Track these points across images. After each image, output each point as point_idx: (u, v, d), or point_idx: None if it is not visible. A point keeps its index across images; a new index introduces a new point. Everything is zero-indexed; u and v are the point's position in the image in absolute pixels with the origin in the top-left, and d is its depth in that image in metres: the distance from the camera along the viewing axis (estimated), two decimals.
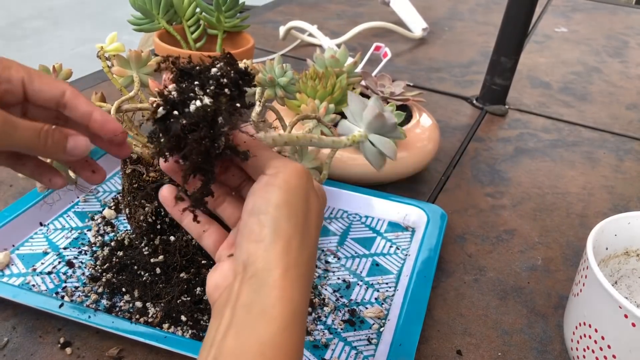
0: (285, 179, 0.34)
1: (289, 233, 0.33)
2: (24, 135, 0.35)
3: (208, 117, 0.32)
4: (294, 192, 0.34)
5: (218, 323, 0.32)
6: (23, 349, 0.47)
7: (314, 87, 0.71)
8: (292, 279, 0.33)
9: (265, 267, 0.32)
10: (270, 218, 0.33)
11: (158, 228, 0.51)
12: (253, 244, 0.33)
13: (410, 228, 0.65)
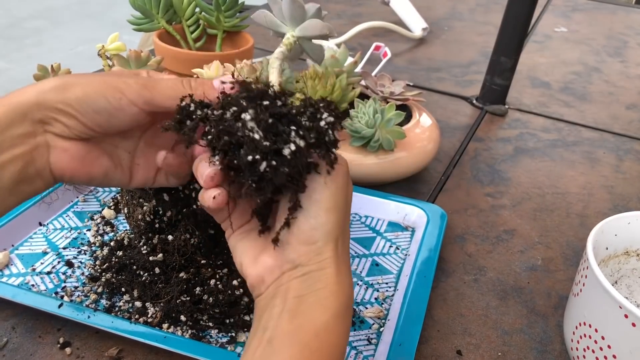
0: (334, 180, 0.36)
1: (336, 234, 0.35)
2: (167, 84, 0.37)
3: (302, 163, 0.32)
4: (341, 192, 0.36)
5: (269, 311, 0.34)
6: (22, 349, 0.47)
7: (313, 87, 0.70)
8: (342, 274, 0.35)
9: (319, 268, 0.35)
10: (321, 222, 0.35)
11: (156, 227, 0.51)
12: (304, 246, 0.35)
13: (410, 228, 0.65)
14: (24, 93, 0.35)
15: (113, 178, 0.40)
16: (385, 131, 0.68)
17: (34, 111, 0.35)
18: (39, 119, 0.35)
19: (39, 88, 0.35)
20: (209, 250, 0.51)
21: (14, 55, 3.02)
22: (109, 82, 0.36)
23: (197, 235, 0.50)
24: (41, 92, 0.35)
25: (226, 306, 0.49)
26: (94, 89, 0.35)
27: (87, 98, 0.35)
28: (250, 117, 0.32)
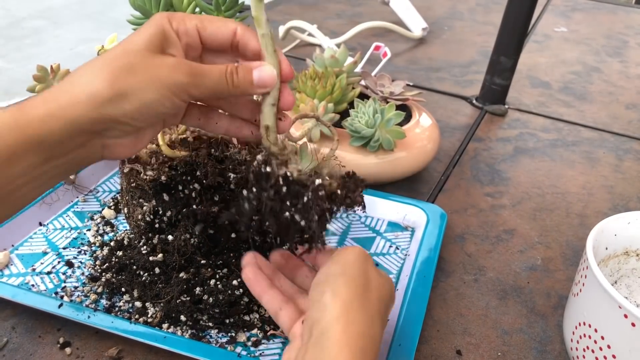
0: (343, 256, 0.40)
1: (347, 296, 0.37)
2: (212, 80, 0.37)
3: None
4: (350, 266, 0.39)
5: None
6: (22, 349, 0.47)
7: (313, 87, 0.71)
8: (353, 334, 0.35)
9: (327, 325, 0.35)
10: (329, 285, 0.38)
11: (156, 227, 0.51)
12: (317, 311, 0.37)
13: (410, 228, 0.65)
14: (77, 104, 0.33)
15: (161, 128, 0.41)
16: (385, 131, 0.68)
17: (94, 125, 0.35)
18: (97, 131, 0.35)
19: (93, 99, 0.34)
20: (209, 250, 0.51)
21: (14, 55, 3.02)
22: (161, 85, 0.35)
23: (197, 235, 0.50)
24: (98, 105, 0.34)
25: (226, 306, 0.49)
26: (150, 97, 0.35)
27: (145, 108, 0.35)
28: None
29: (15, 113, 0.33)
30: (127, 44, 0.36)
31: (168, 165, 0.49)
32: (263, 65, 0.38)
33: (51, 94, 0.34)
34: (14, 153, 0.33)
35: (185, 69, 0.36)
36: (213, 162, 0.50)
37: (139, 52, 0.35)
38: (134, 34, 0.37)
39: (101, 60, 0.35)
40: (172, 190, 0.49)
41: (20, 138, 0.33)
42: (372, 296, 0.39)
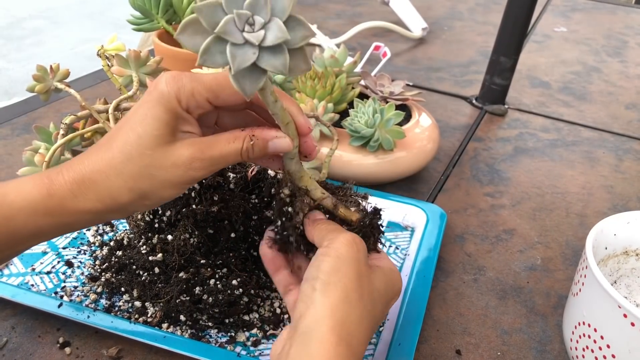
0: (336, 248, 0.38)
1: (336, 297, 0.36)
2: (228, 161, 0.37)
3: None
4: (343, 260, 0.38)
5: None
6: (22, 348, 0.47)
7: (313, 87, 0.71)
8: (340, 335, 0.35)
9: (313, 324, 0.35)
10: (319, 282, 0.37)
11: (156, 227, 0.51)
12: (304, 305, 0.36)
13: (410, 228, 0.65)
14: (102, 202, 0.36)
15: None
16: (384, 131, 0.68)
17: (115, 217, 0.39)
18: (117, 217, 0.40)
19: (117, 203, 0.36)
20: (209, 250, 0.51)
21: (14, 55, 3.02)
22: (178, 183, 0.37)
23: (197, 235, 0.50)
24: (122, 207, 0.37)
25: (226, 306, 0.49)
26: (169, 194, 0.37)
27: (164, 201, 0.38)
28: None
29: (48, 201, 0.36)
30: (139, 136, 0.35)
31: None
32: (278, 138, 0.38)
33: (80, 189, 0.36)
34: (41, 232, 0.37)
35: (200, 164, 0.36)
36: None
37: (153, 150, 0.35)
38: (143, 118, 0.35)
39: (119, 158, 0.35)
40: None
41: (53, 223, 0.36)
42: (364, 293, 0.38)
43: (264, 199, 0.52)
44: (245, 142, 0.37)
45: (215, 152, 0.36)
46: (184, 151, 0.36)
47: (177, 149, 0.35)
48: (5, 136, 0.78)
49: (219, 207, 0.50)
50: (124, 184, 0.35)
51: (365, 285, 0.38)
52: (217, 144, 0.36)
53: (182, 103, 0.36)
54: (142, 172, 0.35)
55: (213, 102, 0.37)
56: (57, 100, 0.88)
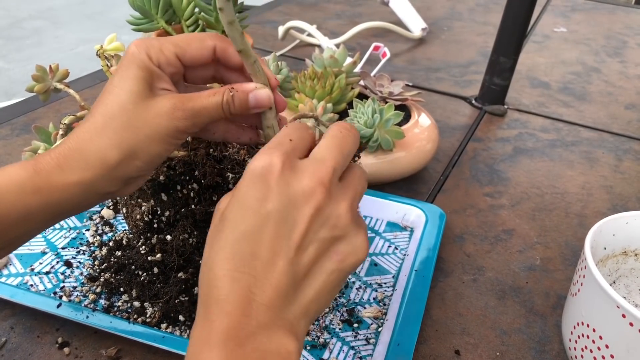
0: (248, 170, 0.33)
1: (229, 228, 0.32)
2: (210, 114, 0.37)
3: None
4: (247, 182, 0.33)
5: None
6: (21, 348, 0.47)
7: (312, 87, 0.71)
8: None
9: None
10: (218, 214, 0.34)
11: (155, 227, 0.51)
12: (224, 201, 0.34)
13: (409, 228, 0.65)
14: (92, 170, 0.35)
15: None
16: (384, 131, 0.68)
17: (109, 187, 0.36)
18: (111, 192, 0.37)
19: (106, 165, 0.35)
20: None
21: (14, 55, 3.02)
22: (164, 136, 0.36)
23: (196, 235, 0.50)
24: (111, 169, 0.35)
25: None
26: (157, 149, 0.36)
27: (154, 159, 0.37)
28: None
29: (35, 177, 0.35)
30: (118, 95, 0.36)
31: (166, 165, 0.49)
32: (258, 89, 0.38)
33: (66, 160, 0.35)
34: (31, 213, 0.35)
35: (182, 113, 0.36)
36: (211, 161, 0.50)
37: (134, 104, 0.35)
38: (120, 79, 0.36)
39: (101, 120, 0.35)
40: (170, 190, 0.49)
41: (42, 201, 0.35)
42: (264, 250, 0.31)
43: None
44: (226, 95, 0.37)
45: (196, 103, 0.36)
46: (165, 102, 0.36)
47: (158, 102, 0.36)
48: (5, 136, 0.78)
49: None
50: (109, 141, 0.35)
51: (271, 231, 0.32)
52: (198, 97, 0.37)
53: (153, 59, 0.36)
54: (126, 126, 0.35)
55: (181, 59, 0.37)
56: (57, 101, 0.88)
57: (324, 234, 0.32)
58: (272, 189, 0.32)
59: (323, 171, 0.33)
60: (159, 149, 0.36)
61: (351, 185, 0.35)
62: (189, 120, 0.36)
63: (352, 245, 0.33)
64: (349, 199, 0.34)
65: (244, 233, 0.31)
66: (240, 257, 0.31)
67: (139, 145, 0.35)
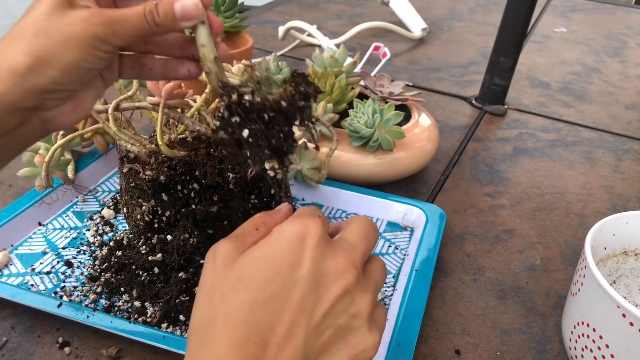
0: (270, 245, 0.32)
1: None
2: (132, 24, 0.34)
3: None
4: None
5: None
6: (22, 348, 0.48)
7: None
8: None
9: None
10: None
11: (155, 227, 0.51)
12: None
13: (409, 228, 0.65)
14: (1, 82, 0.32)
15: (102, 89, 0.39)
16: (384, 131, 0.68)
17: (24, 100, 0.33)
18: (31, 107, 0.34)
19: (15, 73, 0.32)
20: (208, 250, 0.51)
21: None
22: (79, 42, 0.33)
23: (196, 235, 0.50)
24: (21, 77, 0.32)
25: None
26: (71, 56, 0.33)
27: (70, 69, 0.33)
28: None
29: None
30: (34, 9, 0.34)
31: (167, 165, 0.49)
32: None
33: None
34: None
35: (99, 19, 0.33)
36: (212, 161, 0.50)
37: (48, 14, 0.33)
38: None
39: (12, 32, 0.34)
40: (171, 190, 0.49)
41: None
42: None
43: (263, 199, 0.52)
44: (149, 4, 0.34)
45: (115, 12, 0.34)
46: (82, 11, 0.34)
47: (75, 12, 0.34)
48: None
49: (219, 207, 0.50)
50: (19, 48, 0.33)
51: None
52: (118, 8, 0.35)
53: None
54: (37, 33, 0.33)
55: None
56: None
57: (343, 320, 0.31)
58: (307, 256, 0.30)
59: (355, 255, 0.32)
60: (73, 56, 0.33)
61: (373, 277, 0.34)
62: (108, 27, 0.33)
63: (366, 342, 0.32)
64: (373, 291, 0.33)
65: (265, 298, 0.29)
66: (255, 325, 0.28)
67: (51, 52, 0.33)
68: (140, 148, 0.50)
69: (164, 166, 0.49)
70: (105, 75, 0.38)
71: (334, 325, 0.30)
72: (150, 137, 0.54)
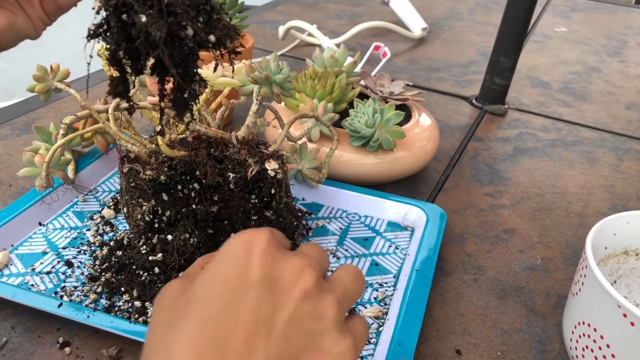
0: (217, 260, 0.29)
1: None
2: None
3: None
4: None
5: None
6: (22, 348, 0.47)
7: (313, 87, 0.71)
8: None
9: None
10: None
11: (155, 227, 0.51)
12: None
13: (410, 228, 0.65)
14: None
15: (18, 26, 0.39)
16: (384, 131, 0.68)
17: None
18: None
19: None
20: (208, 250, 0.51)
21: (14, 55, 3.02)
22: None
23: (197, 235, 0.50)
24: None
25: None
26: None
27: None
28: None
29: None
30: None
31: (167, 165, 0.49)
32: None
33: None
34: None
35: None
36: (212, 161, 0.50)
37: None
38: None
39: None
40: (171, 190, 0.49)
41: None
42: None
43: (263, 199, 0.52)
44: None
45: None
46: None
47: None
48: (5, 136, 0.78)
49: (219, 207, 0.50)
50: None
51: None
52: None
53: None
54: None
55: None
56: (57, 101, 0.88)
57: (309, 324, 0.27)
58: (255, 263, 0.27)
59: (312, 260, 0.30)
60: None
61: (341, 282, 0.31)
62: None
63: (338, 347, 0.28)
64: (339, 294, 0.30)
65: (216, 314, 0.26)
66: (209, 344, 0.25)
67: None
68: (140, 148, 0.50)
69: (164, 166, 0.49)
70: (25, 6, 0.39)
71: (300, 331, 0.27)
72: (151, 137, 0.54)
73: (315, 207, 0.67)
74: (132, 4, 0.31)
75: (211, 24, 0.34)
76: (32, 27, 0.40)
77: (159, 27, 0.31)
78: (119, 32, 0.32)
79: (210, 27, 0.34)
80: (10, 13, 0.37)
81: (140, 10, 0.31)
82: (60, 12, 0.42)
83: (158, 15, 0.31)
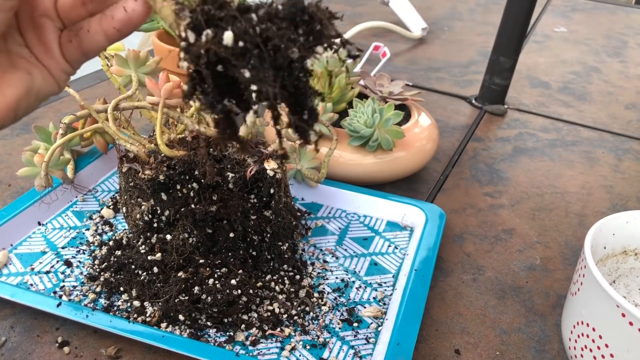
0: None
1: None
2: None
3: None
4: None
5: None
6: (21, 348, 0.48)
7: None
8: None
9: None
10: None
11: (155, 226, 0.51)
12: None
13: (409, 227, 0.65)
14: None
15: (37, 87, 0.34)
16: (384, 131, 0.68)
17: None
18: None
19: None
20: (208, 249, 0.51)
21: None
22: None
23: (195, 235, 0.50)
24: None
25: (224, 305, 0.49)
26: None
27: None
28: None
29: None
30: None
31: (166, 164, 0.49)
32: None
33: None
34: None
35: None
36: (211, 161, 0.50)
37: None
38: None
39: None
40: (170, 190, 0.49)
41: None
42: None
43: (262, 198, 0.52)
44: None
45: None
46: None
47: None
48: (5, 136, 0.78)
49: (218, 206, 0.50)
50: None
51: None
52: None
53: None
54: None
55: None
56: (57, 100, 0.88)
57: None
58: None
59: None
60: None
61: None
62: None
63: None
64: None
65: None
66: None
67: None
68: (139, 148, 0.50)
69: (163, 166, 0.49)
70: (44, 59, 0.34)
71: None
72: (150, 136, 0.54)
73: (314, 207, 0.67)
74: (228, 59, 0.25)
75: (314, 34, 0.26)
76: (53, 82, 0.35)
77: (268, 82, 0.25)
78: (215, 91, 0.26)
79: (314, 39, 0.26)
80: (25, 74, 0.33)
81: (241, 65, 0.25)
82: (85, 59, 0.37)
83: (260, 62, 0.24)
